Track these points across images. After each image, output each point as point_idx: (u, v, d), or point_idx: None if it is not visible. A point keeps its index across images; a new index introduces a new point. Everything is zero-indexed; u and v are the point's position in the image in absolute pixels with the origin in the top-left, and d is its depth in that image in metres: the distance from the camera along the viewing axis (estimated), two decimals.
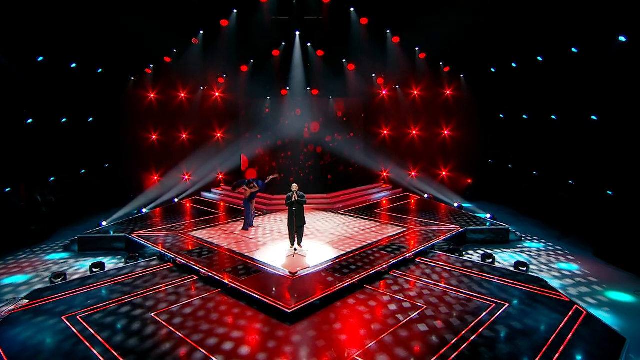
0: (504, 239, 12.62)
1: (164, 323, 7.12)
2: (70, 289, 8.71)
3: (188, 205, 17.49)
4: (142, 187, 17.88)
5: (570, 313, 7.34)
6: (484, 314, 7.36)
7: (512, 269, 9.79)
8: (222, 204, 17.45)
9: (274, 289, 8.26)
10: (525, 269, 9.75)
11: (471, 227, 12.79)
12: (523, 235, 13.12)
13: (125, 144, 17.60)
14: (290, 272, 9.10)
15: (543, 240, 12.69)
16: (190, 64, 17.07)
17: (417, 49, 18.30)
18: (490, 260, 10.45)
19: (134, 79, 17.41)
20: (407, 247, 10.92)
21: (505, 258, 11.10)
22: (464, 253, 11.31)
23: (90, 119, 16.46)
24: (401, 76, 19.09)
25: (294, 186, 10.73)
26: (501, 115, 17.56)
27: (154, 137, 19.11)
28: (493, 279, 9.01)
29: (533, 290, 8.36)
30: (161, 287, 8.74)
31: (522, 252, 11.65)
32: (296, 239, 10.81)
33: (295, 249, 10.63)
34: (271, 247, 11.22)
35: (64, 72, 14.45)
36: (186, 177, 19.68)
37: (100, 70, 16.23)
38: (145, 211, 15.93)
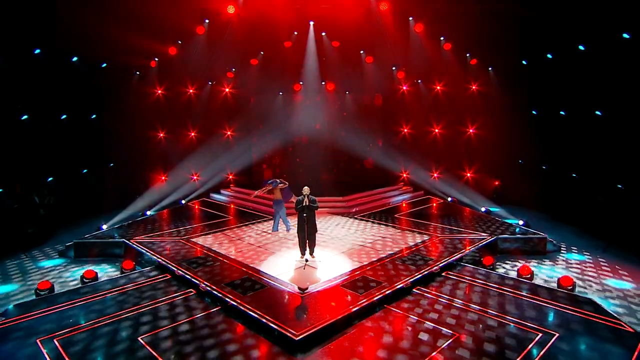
0: (540, 249, 11.25)
1: (148, 349, 6.10)
2: (56, 303, 7.79)
3: (195, 207, 16.58)
4: (147, 188, 17.03)
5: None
6: (531, 345, 6.11)
7: (554, 285, 8.48)
8: (232, 207, 16.47)
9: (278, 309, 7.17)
10: (570, 286, 8.41)
11: (503, 236, 11.45)
12: (562, 245, 11.70)
13: (130, 143, 16.77)
14: (299, 288, 8.00)
15: (586, 252, 11.24)
16: (197, 56, 16.11)
17: (442, 38, 16.92)
18: (528, 276, 9.13)
19: (140, 74, 16.57)
20: (432, 258, 9.68)
21: (544, 271, 9.76)
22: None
23: (94, 116, 15.68)
24: (424, 69, 17.75)
25: (306, 189, 9.62)
26: (534, 112, 16.04)
27: (161, 135, 18.28)
28: (534, 299, 7.71)
29: (585, 315, 7.03)
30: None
31: (562, 265, 10.27)
32: (307, 248, 9.70)
33: (307, 260, 9.52)
34: (280, 256, 10.14)
35: (64, 66, 13.67)
36: (195, 178, 18.80)
37: (104, 65, 15.45)
38: (149, 214, 15.07)
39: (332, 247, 10.78)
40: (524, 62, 15.82)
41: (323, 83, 18.00)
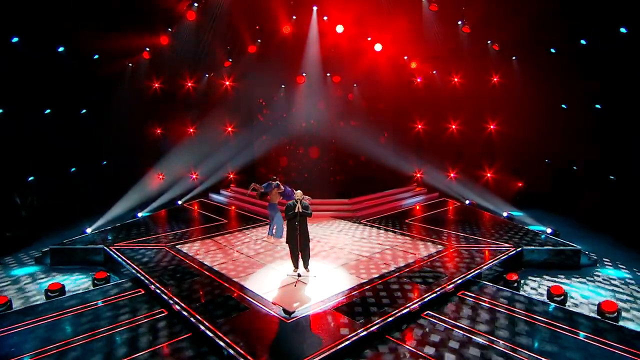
0: (572, 263, 9.73)
1: None
2: (2, 326, 6.72)
3: (191, 209, 15.50)
4: (142, 187, 16.00)
5: None
6: None
7: (590, 307, 7.05)
8: (230, 209, 15.33)
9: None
10: (614, 313, 6.93)
11: (529, 247, 9.96)
12: (598, 259, 10.14)
13: (124, 139, 15.74)
14: (284, 311, 6.75)
15: (626, 268, 9.65)
16: (189, 44, 14.96)
17: (459, 22, 15.34)
18: (561, 297, 7.67)
19: (132, 66, 15.53)
20: (446, 275, 8.29)
21: (578, 291, 8.28)
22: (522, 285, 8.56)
23: (84, 111, 14.71)
24: (439, 59, 16.21)
25: (299, 193, 8.36)
26: (563, 106, 14.36)
27: (157, 131, 17.25)
28: (572, 332, 6.26)
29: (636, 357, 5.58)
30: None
31: (601, 283, 8.75)
32: (300, 262, 8.44)
33: (299, 275, 8.26)
34: (271, 268, 8.90)
35: (48, 57, 12.70)
36: (194, 176, 17.74)
37: (97, 57, 14.47)
38: (140, 215, 14.04)
39: (330, 259, 9.48)
40: (552, 50, 14.15)
41: (328, 75, 16.66)
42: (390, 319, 6.49)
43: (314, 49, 15.37)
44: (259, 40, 15.73)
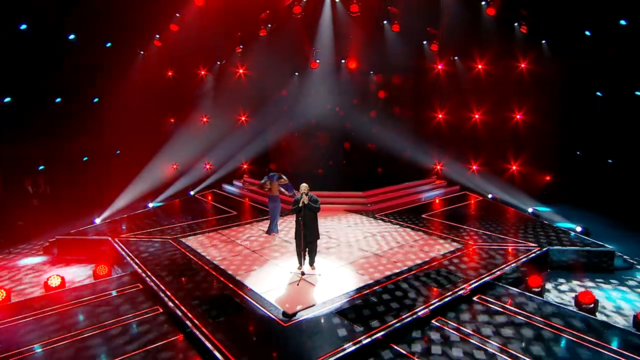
0: (605, 266, 8.89)
1: None
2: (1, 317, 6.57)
3: (203, 200, 15.25)
4: (155, 177, 15.85)
5: None
6: None
7: (626, 316, 6.32)
8: (242, 200, 14.97)
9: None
10: None
11: (555, 248, 9.16)
12: (634, 261, 9.24)
13: (138, 128, 15.57)
14: (284, 314, 6.30)
15: None
16: (198, 31, 14.53)
17: (483, 2, 14.31)
18: (591, 305, 6.92)
19: (144, 54, 15.26)
20: (462, 277, 7.65)
21: (611, 297, 7.50)
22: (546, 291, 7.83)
23: (96, 100, 14.59)
24: (461, 43, 15.22)
25: (304, 186, 7.84)
26: (598, 93, 13.23)
27: (171, 120, 17.03)
28: (601, 347, 5.55)
29: None
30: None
31: (637, 290, 7.91)
32: (306, 258, 7.97)
33: (303, 273, 7.79)
34: (275, 265, 8.46)
35: (58, 44, 12.56)
36: (207, 166, 17.49)
37: (109, 45, 14.29)
38: (151, 206, 13.88)
39: (339, 256, 8.96)
40: (587, 32, 13.01)
41: (343, 61, 15.95)
42: (398, 325, 5.94)
43: (326, 33, 14.67)
44: (269, 25, 15.13)
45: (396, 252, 9.17)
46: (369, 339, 5.60)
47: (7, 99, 11.42)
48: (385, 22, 15.11)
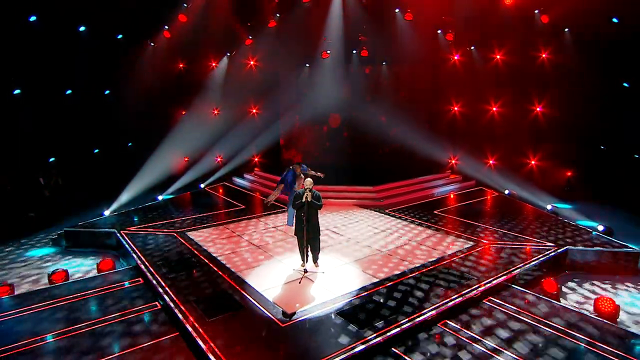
0: (628, 268, 8.37)
1: None
2: (2, 310, 6.55)
3: (213, 193, 15.15)
4: (165, 169, 15.81)
5: None
6: None
7: None
8: (252, 194, 14.80)
9: None
10: None
11: (574, 247, 8.68)
12: None
13: (148, 120, 15.53)
14: (283, 314, 6.08)
15: None
16: (207, 22, 14.32)
17: None
18: (612, 311, 6.48)
19: (154, 45, 15.17)
20: (473, 277, 7.28)
21: (634, 304, 7.02)
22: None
23: (107, 92, 14.59)
24: (479, 32, 14.60)
25: (308, 181, 7.55)
26: (625, 85, 12.50)
27: (183, 112, 16.95)
28: (622, 359, 5.15)
29: None
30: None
31: None
32: (309, 256, 7.72)
33: (306, 270, 7.55)
34: (278, 261, 8.25)
35: (68, 36, 12.54)
36: (219, 159, 17.39)
37: (120, 37, 14.25)
38: (160, 198, 13.86)
39: (344, 253, 8.69)
40: (614, 19, 12.27)
41: (354, 52, 15.53)
42: (402, 327, 5.65)
43: (335, 22, 14.26)
44: (278, 15, 14.81)
45: (405, 249, 8.84)
46: (370, 342, 5.32)
47: (17, 91, 11.44)
48: (397, 10, 14.62)
